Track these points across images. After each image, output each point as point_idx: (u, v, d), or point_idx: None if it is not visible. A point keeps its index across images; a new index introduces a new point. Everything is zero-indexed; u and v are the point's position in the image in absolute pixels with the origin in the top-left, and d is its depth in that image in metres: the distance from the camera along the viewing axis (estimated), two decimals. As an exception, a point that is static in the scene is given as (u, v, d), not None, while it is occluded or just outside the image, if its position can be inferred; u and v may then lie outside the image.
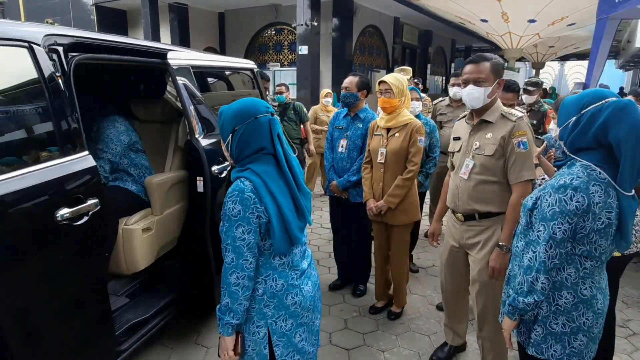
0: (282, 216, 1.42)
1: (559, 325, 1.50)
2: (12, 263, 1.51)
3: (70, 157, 1.76)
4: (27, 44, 1.64)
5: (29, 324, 1.60)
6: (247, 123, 1.45)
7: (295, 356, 1.54)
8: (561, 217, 1.40)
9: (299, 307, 1.51)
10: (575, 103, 1.51)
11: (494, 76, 2.03)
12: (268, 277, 1.47)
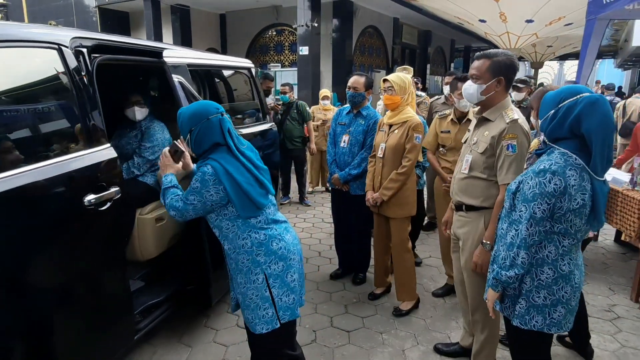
0: (241, 188, 1.75)
1: (540, 298, 1.66)
2: (49, 240, 1.69)
3: (94, 148, 1.93)
4: (57, 46, 1.82)
5: (59, 295, 1.77)
6: (201, 124, 1.78)
7: (290, 295, 1.83)
8: (540, 198, 1.57)
9: (285, 251, 1.83)
10: (553, 98, 1.68)
11: (491, 75, 2.05)
12: (251, 232, 1.80)
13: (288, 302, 1.83)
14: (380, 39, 14.87)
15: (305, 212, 5.65)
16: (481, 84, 2.08)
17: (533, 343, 1.78)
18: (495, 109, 2.12)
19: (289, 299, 1.84)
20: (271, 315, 1.81)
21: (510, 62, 2.06)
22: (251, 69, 3.68)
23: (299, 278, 1.90)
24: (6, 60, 1.65)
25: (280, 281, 1.82)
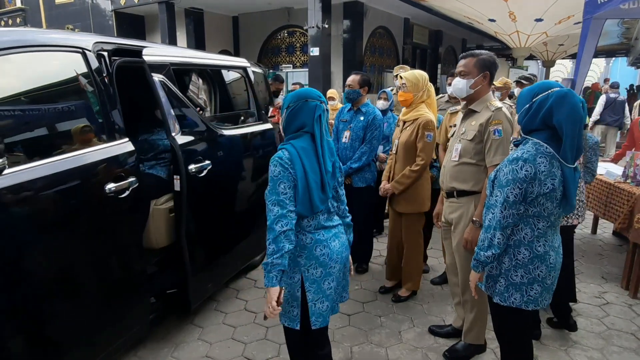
0: (308, 186, 1.72)
1: (518, 277, 1.82)
2: (75, 222, 1.91)
3: (114, 142, 2.15)
4: (81, 50, 2.05)
5: (82, 274, 1.99)
6: (298, 103, 1.80)
7: (324, 302, 1.83)
8: (513, 183, 1.73)
9: (327, 258, 1.80)
10: (528, 93, 1.84)
11: (478, 70, 2.26)
12: (299, 233, 1.78)
13: (322, 309, 1.83)
14: (390, 39, 14.99)
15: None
16: (469, 79, 2.29)
17: (513, 319, 1.93)
18: (480, 102, 2.32)
19: (322, 306, 1.83)
20: (295, 314, 1.82)
21: (492, 60, 2.29)
22: (247, 68, 3.66)
23: (337, 286, 1.88)
24: (38, 63, 1.88)
25: (316, 286, 1.81)
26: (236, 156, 3.19)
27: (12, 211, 1.64)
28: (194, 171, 2.59)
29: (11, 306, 1.65)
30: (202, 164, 2.66)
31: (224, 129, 3.07)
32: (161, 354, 2.56)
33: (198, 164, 2.64)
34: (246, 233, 3.34)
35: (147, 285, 2.43)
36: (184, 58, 3.00)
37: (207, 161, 2.70)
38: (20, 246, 1.68)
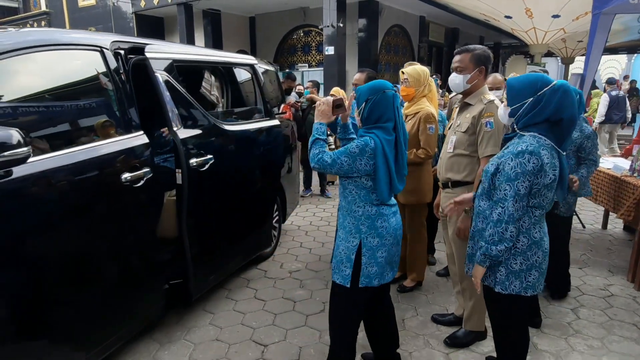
0: (390, 174, 1.96)
1: (517, 264, 1.86)
2: (94, 209, 2.06)
3: (130, 135, 2.30)
4: (100, 48, 2.20)
5: (100, 260, 2.14)
6: (378, 95, 1.98)
7: (374, 267, 2.03)
8: (522, 177, 1.75)
9: (384, 231, 2.03)
10: (528, 86, 1.83)
11: (474, 65, 2.34)
12: (366, 204, 2.01)
13: (371, 272, 2.03)
14: (406, 37, 14.99)
15: (325, 203, 5.96)
16: (466, 74, 2.35)
17: (513, 306, 1.97)
18: (475, 95, 2.40)
19: (372, 270, 2.03)
20: (347, 274, 2.03)
21: (487, 54, 2.35)
22: (254, 65, 3.72)
23: (387, 257, 2.06)
24: (60, 61, 2.03)
25: (371, 253, 2.02)
26: (240, 151, 3.24)
27: (36, 196, 1.79)
28: (195, 165, 2.63)
29: (41, 286, 1.81)
30: (204, 158, 2.71)
31: (228, 125, 3.13)
32: (174, 337, 2.71)
33: (200, 158, 2.68)
34: (250, 227, 3.43)
35: (162, 272, 2.57)
36: (187, 55, 3.03)
37: (209, 155, 2.74)
38: (44, 230, 1.83)
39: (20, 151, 1.59)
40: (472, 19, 14.77)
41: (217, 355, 2.52)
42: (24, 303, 1.78)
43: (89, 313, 2.08)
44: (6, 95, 1.79)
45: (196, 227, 2.71)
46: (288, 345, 2.62)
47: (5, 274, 1.69)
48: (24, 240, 1.75)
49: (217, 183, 2.92)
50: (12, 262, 1.71)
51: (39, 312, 1.85)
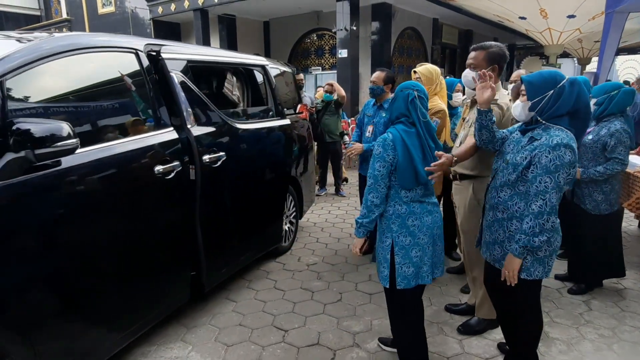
0: (412, 160, 2.02)
1: (542, 251, 1.94)
2: (131, 198, 2.23)
3: (161, 130, 2.46)
4: (135, 50, 2.37)
5: (130, 247, 2.30)
6: (396, 94, 2.15)
7: (410, 268, 2.07)
8: (562, 168, 1.83)
9: (417, 229, 2.06)
10: (549, 80, 1.93)
11: (487, 63, 2.39)
12: (396, 203, 2.09)
13: (407, 272, 2.06)
14: (419, 39, 15.05)
15: (340, 201, 6.09)
16: (478, 71, 2.44)
17: (533, 290, 2.08)
18: None
19: (408, 270, 2.06)
20: (386, 275, 2.10)
21: (502, 52, 2.41)
22: (265, 66, 3.80)
23: (423, 256, 2.08)
24: (101, 62, 2.22)
25: (404, 252, 2.05)
26: (251, 149, 3.33)
27: (81, 184, 1.96)
28: (208, 161, 2.71)
29: (81, 271, 1.98)
30: (217, 155, 2.78)
31: (240, 123, 3.22)
32: (200, 322, 2.86)
33: (213, 154, 2.75)
34: (262, 222, 3.52)
35: (188, 259, 2.73)
36: (201, 56, 3.09)
37: (222, 152, 2.82)
38: (87, 217, 2.00)
39: (70, 142, 1.76)
40: (485, 20, 14.75)
41: (241, 339, 2.66)
42: (68, 285, 1.95)
43: (125, 295, 2.25)
44: (54, 92, 1.97)
45: (208, 221, 2.77)
46: (307, 330, 2.76)
47: (52, 257, 1.86)
48: (69, 226, 1.92)
49: (229, 179, 2.98)
50: (58, 247, 1.88)
51: (83, 294, 2.01)
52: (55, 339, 1.91)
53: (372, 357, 2.50)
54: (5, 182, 1.64)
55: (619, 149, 2.90)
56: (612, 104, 2.93)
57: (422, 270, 2.09)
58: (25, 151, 1.66)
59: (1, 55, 1.77)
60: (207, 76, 3.70)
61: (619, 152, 2.90)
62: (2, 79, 1.70)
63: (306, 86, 13.17)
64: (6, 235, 1.67)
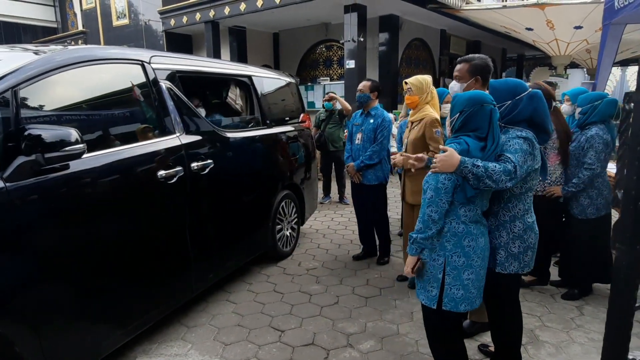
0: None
1: (516, 247, 2.08)
2: (134, 201, 2.36)
3: (165, 137, 2.60)
4: (141, 62, 2.52)
5: (134, 248, 2.42)
6: (474, 108, 1.93)
7: (459, 290, 1.94)
8: (520, 152, 1.94)
9: (472, 251, 1.94)
10: (509, 90, 2.09)
11: (470, 75, 2.51)
12: (453, 221, 1.94)
13: (456, 295, 1.94)
14: (426, 50, 15.18)
15: (344, 209, 6.18)
16: (462, 83, 2.57)
17: (511, 284, 2.20)
18: None
19: (458, 293, 1.94)
20: (434, 295, 1.97)
21: (485, 64, 2.52)
22: (251, 76, 3.83)
23: (475, 280, 1.97)
24: (109, 73, 2.37)
25: (456, 273, 1.94)
26: (239, 156, 3.40)
27: (87, 187, 2.10)
28: (196, 169, 2.77)
29: (86, 267, 2.11)
30: (204, 162, 2.84)
31: (229, 132, 3.30)
32: (200, 322, 2.97)
33: (200, 162, 2.81)
34: (249, 228, 3.57)
35: (189, 261, 2.85)
36: (189, 67, 3.09)
37: (209, 160, 2.88)
38: (93, 217, 2.13)
39: (77, 147, 1.90)
40: (493, 31, 14.84)
41: (239, 338, 2.76)
42: (73, 282, 2.08)
43: (127, 293, 2.37)
44: (64, 101, 2.12)
45: (196, 227, 2.83)
46: (303, 331, 2.85)
47: (58, 255, 1.99)
48: (77, 225, 2.06)
49: (217, 186, 3.04)
50: (65, 245, 2.01)
51: (86, 290, 2.14)
52: (61, 333, 2.02)
53: (364, 357, 2.58)
54: (17, 184, 1.78)
55: (589, 154, 3.02)
56: (594, 113, 3.06)
57: (471, 294, 1.98)
58: (36, 155, 1.79)
59: (16, 66, 1.92)
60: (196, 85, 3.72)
61: (588, 157, 3.02)
62: (16, 88, 1.85)
63: (314, 96, 13.39)
64: (17, 233, 1.80)
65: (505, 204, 2.09)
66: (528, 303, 3.19)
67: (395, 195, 6.54)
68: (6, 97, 1.80)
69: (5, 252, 1.76)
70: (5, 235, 1.76)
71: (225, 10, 12.05)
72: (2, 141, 1.77)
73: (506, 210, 2.09)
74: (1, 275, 1.75)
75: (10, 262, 1.78)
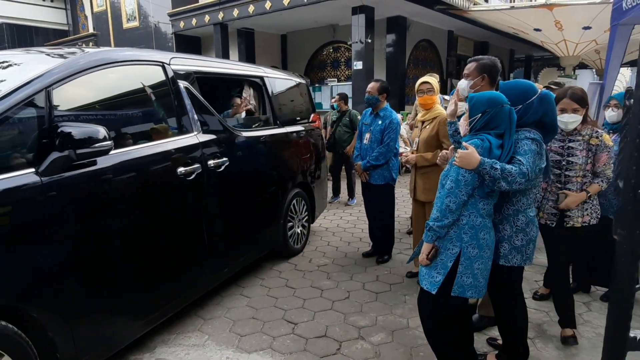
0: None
1: (519, 240, 2.17)
2: (155, 197, 2.46)
3: (183, 136, 2.71)
4: (162, 63, 2.63)
5: (155, 241, 2.53)
6: (496, 109, 2.02)
7: (469, 278, 2.04)
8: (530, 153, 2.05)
9: (485, 243, 2.04)
10: (519, 94, 2.16)
11: (477, 73, 2.59)
12: (472, 214, 2.03)
13: (465, 282, 2.04)
14: (434, 51, 15.23)
15: (352, 208, 6.27)
16: (470, 80, 2.65)
17: (513, 277, 2.29)
18: None
19: (467, 280, 2.03)
20: (437, 281, 2.04)
21: (492, 63, 2.60)
22: (263, 77, 3.95)
23: (484, 270, 2.07)
24: (133, 74, 2.48)
25: (468, 263, 2.03)
26: (253, 155, 3.51)
27: (114, 182, 2.21)
28: (212, 166, 2.87)
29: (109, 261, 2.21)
30: (220, 160, 2.94)
31: (243, 131, 3.42)
32: (216, 314, 3.07)
33: (216, 159, 2.91)
34: (262, 225, 3.66)
35: (205, 255, 2.94)
36: (206, 68, 3.21)
37: (225, 158, 2.98)
38: (119, 212, 2.24)
39: (105, 144, 2.00)
40: (501, 32, 14.87)
41: (254, 330, 2.86)
42: (101, 274, 2.18)
43: (148, 285, 2.48)
44: (92, 100, 2.23)
45: (211, 223, 2.93)
46: (316, 324, 2.94)
47: (88, 248, 2.09)
48: (103, 218, 2.16)
49: (231, 183, 3.14)
50: (94, 238, 2.12)
51: (112, 282, 2.25)
52: (90, 322, 2.13)
53: (375, 348, 2.66)
54: (51, 178, 1.88)
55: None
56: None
57: (479, 283, 2.07)
58: (68, 151, 1.90)
59: (48, 68, 2.03)
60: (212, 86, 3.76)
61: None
62: (49, 88, 1.96)
63: (322, 97, 13.49)
64: (51, 226, 1.91)
65: (509, 198, 2.18)
66: (536, 300, 3.26)
67: (403, 195, 6.62)
68: (41, 97, 1.91)
69: (39, 243, 1.87)
70: (40, 227, 1.87)
71: (234, 13, 12.19)
72: (37, 138, 1.88)
73: (510, 204, 2.18)
74: (36, 264, 1.86)
75: (44, 252, 1.89)
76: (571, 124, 2.61)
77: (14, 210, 1.79)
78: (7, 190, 1.75)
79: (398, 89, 12.43)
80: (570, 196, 2.60)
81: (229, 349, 2.65)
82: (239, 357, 2.57)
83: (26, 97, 1.87)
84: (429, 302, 2.15)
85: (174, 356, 2.58)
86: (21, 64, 2.24)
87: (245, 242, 3.44)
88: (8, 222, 1.77)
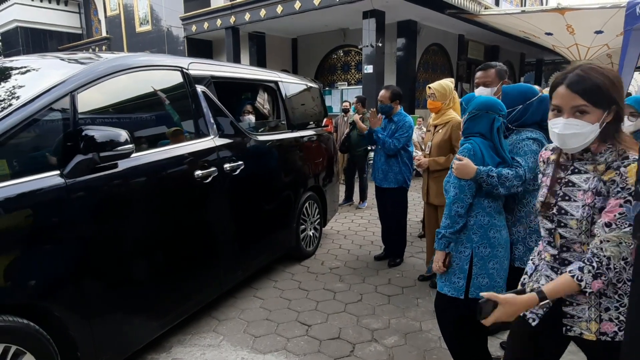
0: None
1: (533, 241, 2.19)
2: (174, 200, 2.51)
3: (201, 139, 2.76)
4: (181, 68, 2.68)
5: (172, 243, 2.57)
6: (479, 112, 2.08)
7: (485, 279, 2.03)
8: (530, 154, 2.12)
9: (496, 242, 2.04)
10: (520, 95, 2.23)
11: (498, 79, 2.70)
12: (478, 214, 2.05)
13: (482, 283, 2.02)
14: (444, 55, 15.22)
15: (363, 211, 6.28)
16: (493, 87, 2.69)
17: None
18: None
19: (483, 281, 2.02)
20: (461, 285, 2.04)
21: (504, 69, 2.74)
22: (278, 82, 4.00)
23: (500, 269, 2.06)
24: (153, 79, 2.53)
25: (482, 263, 2.02)
26: (267, 159, 3.55)
27: (134, 185, 2.26)
28: (228, 169, 2.91)
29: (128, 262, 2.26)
30: (236, 164, 2.97)
31: (258, 135, 3.47)
32: (230, 315, 3.10)
33: (232, 163, 2.95)
34: (275, 227, 3.69)
35: (220, 257, 2.98)
36: (222, 72, 3.25)
37: (240, 161, 3.02)
38: (138, 214, 2.29)
39: (127, 147, 2.05)
40: (512, 36, 14.81)
41: (268, 331, 2.89)
42: (120, 275, 2.23)
43: (168, 286, 2.52)
44: (114, 104, 2.29)
45: (227, 225, 2.97)
46: (329, 326, 2.96)
47: (111, 248, 2.14)
48: (124, 220, 2.21)
49: (246, 187, 3.17)
50: (115, 239, 2.17)
51: (131, 283, 2.29)
52: (109, 321, 2.17)
53: (389, 351, 2.67)
54: (75, 180, 1.93)
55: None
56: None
57: (497, 283, 2.06)
58: (92, 154, 1.95)
59: (73, 73, 2.09)
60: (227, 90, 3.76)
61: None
62: (74, 92, 2.01)
63: (332, 100, 13.54)
64: (75, 226, 1.96)
65: (520, 200, 2.21)
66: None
67: (414, 199, 6.62)
68: (66, 101, 1.97)
69: (62, 243, 1.92)
70: (63, 228, 1.92)
71: (245, 17, 12.30)
72: (62, 141, 1.93)
73: (521, 205, 2.21)
74: (59, 264, 1.90)
75: (67, 252, 1.94)
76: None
77: (39, 211, 1.84)
78: (33, 192, 1.80)
79: (408, 93, 12.42)
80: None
81: (244, 350, 2.68)
82: (254, 357, 2.60)
83: (53, 100, 1.93)
84: (449, 307, 2.12)
85: (190, 356, 2.62)
86: (39, 69, 2.30)
87: (259, 245, 3.48)
88: (33, 223, 1.82)
